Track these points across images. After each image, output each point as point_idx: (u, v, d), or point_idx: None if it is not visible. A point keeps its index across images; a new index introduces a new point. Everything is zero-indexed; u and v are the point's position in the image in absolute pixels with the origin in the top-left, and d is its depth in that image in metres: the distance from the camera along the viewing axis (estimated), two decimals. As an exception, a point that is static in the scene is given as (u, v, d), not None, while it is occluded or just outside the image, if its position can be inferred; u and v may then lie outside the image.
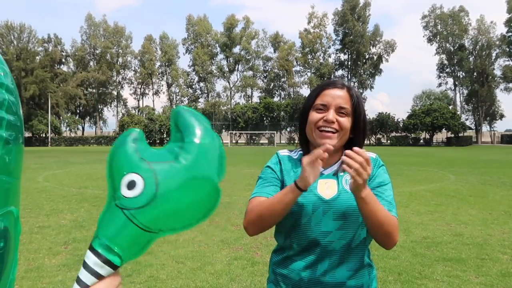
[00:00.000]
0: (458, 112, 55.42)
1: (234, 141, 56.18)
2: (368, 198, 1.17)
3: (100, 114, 64.03)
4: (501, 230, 5.73)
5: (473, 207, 7.40)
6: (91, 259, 0.58)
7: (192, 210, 0.60)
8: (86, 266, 0.58)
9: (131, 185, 0.57)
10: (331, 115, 1.29)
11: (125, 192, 0.57)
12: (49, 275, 3.88)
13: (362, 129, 1.35)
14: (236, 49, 62.85)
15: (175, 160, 0.59)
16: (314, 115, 1.32)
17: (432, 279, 3.83)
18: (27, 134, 50.82)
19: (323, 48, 61.43)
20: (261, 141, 56.53)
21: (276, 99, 61.75)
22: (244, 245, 4.96)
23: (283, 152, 1.46)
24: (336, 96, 1.31)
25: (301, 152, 1.44)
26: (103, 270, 0.58)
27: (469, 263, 4.28)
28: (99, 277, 0.58)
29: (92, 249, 0.59)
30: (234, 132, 55.71)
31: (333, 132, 1.29)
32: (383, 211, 1.22)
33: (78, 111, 62.14)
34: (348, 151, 1.11)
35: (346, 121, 1.30)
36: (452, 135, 52.19)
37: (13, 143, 0.53)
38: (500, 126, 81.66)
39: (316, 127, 1.31)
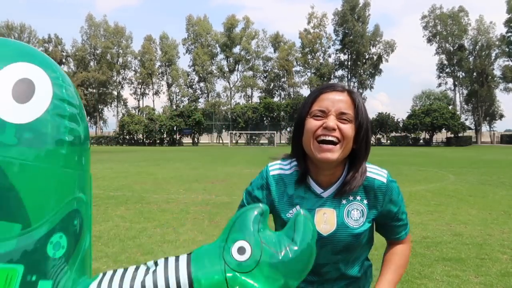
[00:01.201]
0: (458, 112, 55.42)
1: (234, 141, 56.19)
2: None
3: (100, 114, 64.08)
4: (500, 230, 5.74)
5: (472, 207, 7.40)
6: (183, 278, 0.60)
7: None
8: (177, 271, 0.61)
9: (241, 251, 0.64)
10: (332, 121, 1.12)
11: (234, 252, 0.64)
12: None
13: (365, 139, 1.18)
14: (236, 49, 62.93)
15: (278, 252, 0.66)
16: (311, 123, 1.14)
17: (432, 279, 3.83)
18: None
19: (323, 48, 61.48)
20: (261, 141, 56.52)
21: (276, 99, 61.77)
22: (244, 245, 4.96)
23: (274, 171, 1.26)
24: (336, 100, 1.14)
25: (295, 165, 1.25)
26: None
27: (469, 263, 4.29)
28: None
29: (189, 270, 0.61)
30: (234, 132, 55.72)
31: (334, 144, 1.12)
32: (402, 269, 1.29)
33: (78, 111, 62.21)
34: None
35: (348, 129, 1.13)
36: (452, 135, 52.20)
37: (77, 144, 0.66)
38: (500, 126, 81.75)
39: (315, 137, 1.13)
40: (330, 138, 1.11)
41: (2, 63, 0.53)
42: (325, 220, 1.19)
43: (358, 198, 1.21)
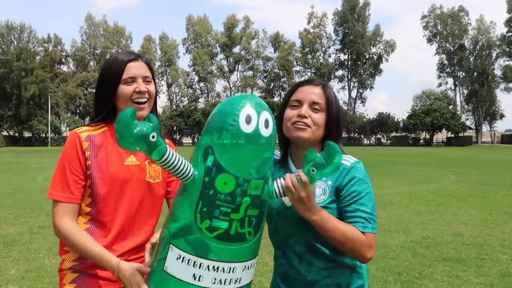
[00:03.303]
0: (458, 112, 55.37)
1: (234, 141, 56.18)
2: (318, 221, 1.18)
3: (100, 114, 64.04)
4: (501, 230, 5.74)
5: (473, 207, 7.40)
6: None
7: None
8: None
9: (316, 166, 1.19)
10: (304, 110, 1.33)
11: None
12: (49, 275, 3.88)
13: (336, 125, 1.37)
14: (236, 49, 62.84)
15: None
16: (288, 112, 1.38)
17: (432, 279, 3.83)
18: (27, 134, 50.73)
19: (323, 48, 61.45)
20: (261, 141, 56.43)
21: (276, 99, 61.72)
22: (244, 245, 4.95)
23: None
24: (310, 92, 1.36)
25: (279, 152, 1.48)
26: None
27: (469, 263, 4.29)
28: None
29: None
30: (234, 132, 55.67)
31: (307, 126, 1.33)
32: (343, 230, 1.20)
33: (78, 111, 62.10)
34: (288, 177, 1.17)
35: (318, 117, 1.33)
36: (452, 135, 52.16)
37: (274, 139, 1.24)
38: (500, 126, 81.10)
39: (292, 123, 1.35)
40: (302, 125, 1.32)
41: (261, 111, 1.14)
42: None
43: (324, 178, 1.30)
